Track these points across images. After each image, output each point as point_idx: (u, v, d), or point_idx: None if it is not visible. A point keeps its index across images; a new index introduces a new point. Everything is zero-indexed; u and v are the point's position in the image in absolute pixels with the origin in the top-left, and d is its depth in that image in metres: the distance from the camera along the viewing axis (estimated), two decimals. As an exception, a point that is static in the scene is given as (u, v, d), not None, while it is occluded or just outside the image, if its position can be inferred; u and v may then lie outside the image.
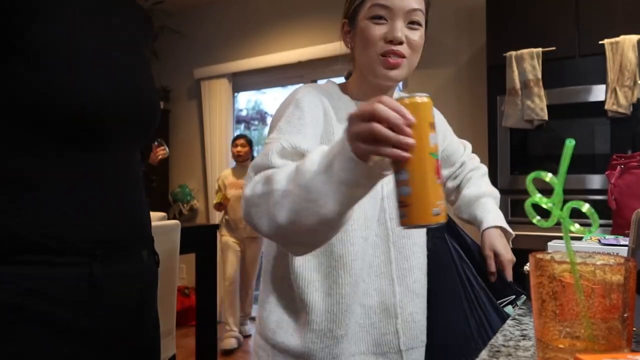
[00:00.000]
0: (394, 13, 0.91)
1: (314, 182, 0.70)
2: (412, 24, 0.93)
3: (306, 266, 0.93)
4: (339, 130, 0.94)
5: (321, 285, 0.93)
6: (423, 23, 0.95)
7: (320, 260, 0.93)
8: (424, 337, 1.01)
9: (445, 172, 1.21)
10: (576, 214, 0.50)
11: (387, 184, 0.96)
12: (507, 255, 1.06)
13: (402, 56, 0.92)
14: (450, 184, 1.23)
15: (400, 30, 0.91)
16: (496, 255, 1.07)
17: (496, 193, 1.19)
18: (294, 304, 0.95)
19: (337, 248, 0.92)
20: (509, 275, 1.06)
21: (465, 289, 1.03)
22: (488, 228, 1.10)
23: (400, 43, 0.91)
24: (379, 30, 0.92)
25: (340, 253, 0.92)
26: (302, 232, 0.75)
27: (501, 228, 1.10)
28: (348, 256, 0.92)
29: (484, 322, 1.00)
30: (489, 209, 1.13)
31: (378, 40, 0.92)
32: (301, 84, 1.07)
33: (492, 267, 1.07)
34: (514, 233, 1.12)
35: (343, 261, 0.92)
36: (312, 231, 0.74)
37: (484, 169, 1.24)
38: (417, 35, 0.93)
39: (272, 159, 0.83)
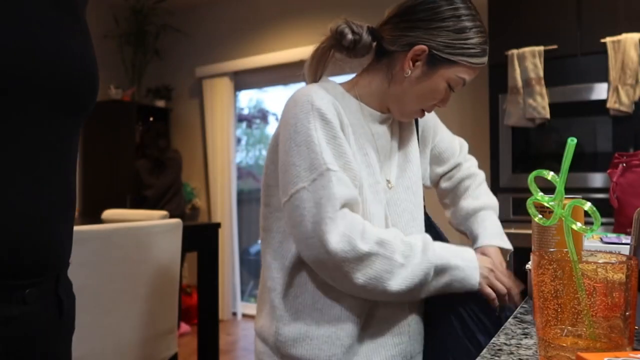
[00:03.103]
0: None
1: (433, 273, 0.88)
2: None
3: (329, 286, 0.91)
4: (349, 132, 0.93)
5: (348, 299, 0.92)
6: None
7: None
8: (421, 344, 1.01)
9: (438, 170, 1.18)
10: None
11: (386, 192, 0.97)
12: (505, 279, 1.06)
13: None
14: (445, 185, 1.19)
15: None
16: None
17: (495, 203, 1.15)
18: (319, 319, 0.92)
19: None
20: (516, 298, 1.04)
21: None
22: (483, 246, 1.05)
23: None
24: (445, 94, 0.94)
25: None
26: (395, 297, 0.88)
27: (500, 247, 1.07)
28: None
29: (470, 325, 0.97)
30: (485, 225, 1.09)
31: (435, 100, 0.95)
32: (303, 83, 1.04)
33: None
34: (512, 248, 1.08)
35: None
36: (403, 296, 0.88)
37: (481, 175, 1.19)
38: None
39: (345, 215, 0.85)
